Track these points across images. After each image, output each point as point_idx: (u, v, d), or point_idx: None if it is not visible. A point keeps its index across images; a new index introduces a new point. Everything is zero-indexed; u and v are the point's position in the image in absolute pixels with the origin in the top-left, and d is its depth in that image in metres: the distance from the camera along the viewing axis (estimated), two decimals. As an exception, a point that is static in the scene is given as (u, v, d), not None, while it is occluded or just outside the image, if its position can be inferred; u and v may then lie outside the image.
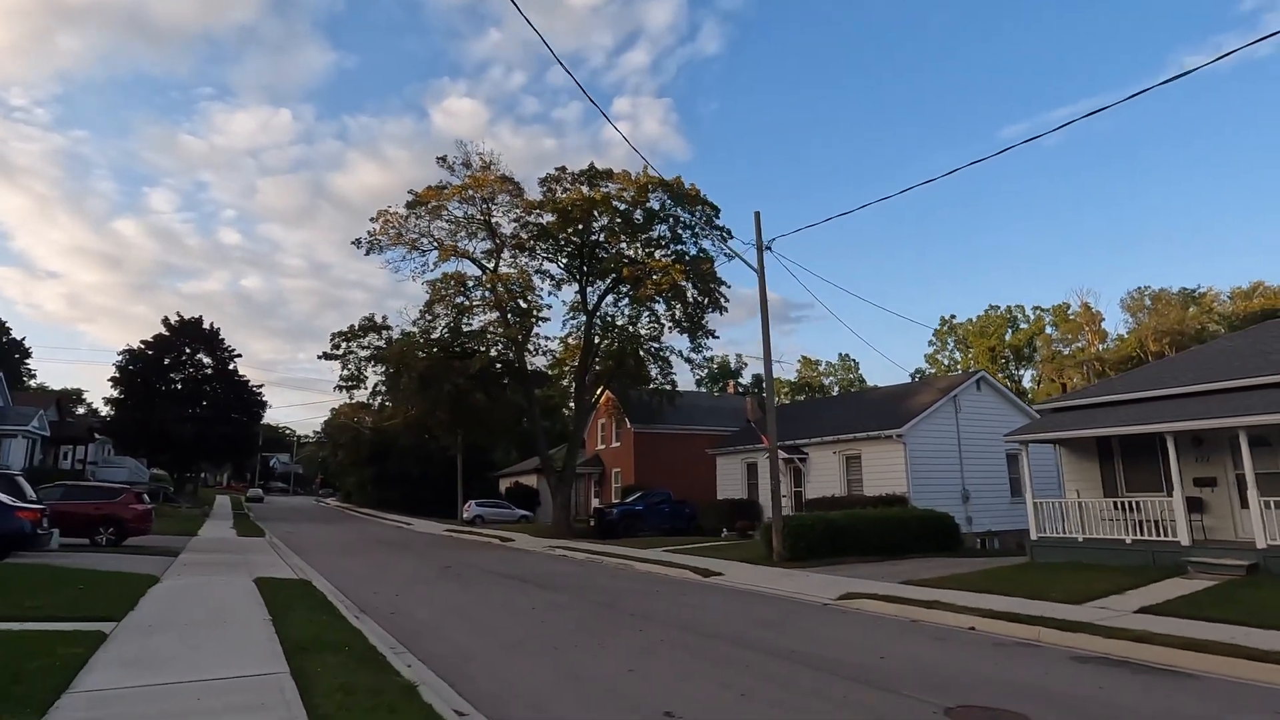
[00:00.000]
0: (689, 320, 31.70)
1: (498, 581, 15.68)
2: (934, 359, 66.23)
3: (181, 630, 8.05)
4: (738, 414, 41.89)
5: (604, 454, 40.85)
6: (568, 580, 15.96)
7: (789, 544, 17.98)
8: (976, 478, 23.48)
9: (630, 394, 35.32)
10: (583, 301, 32.70)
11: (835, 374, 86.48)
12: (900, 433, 22.07)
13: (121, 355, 47.90)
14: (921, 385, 29.73)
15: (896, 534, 19.42)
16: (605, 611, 11.59)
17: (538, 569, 18.50)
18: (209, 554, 19.72)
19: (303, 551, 22.97)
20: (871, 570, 16.77)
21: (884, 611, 11.87)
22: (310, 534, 32.90)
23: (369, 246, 29.22)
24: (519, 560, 21.16)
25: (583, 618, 10.94)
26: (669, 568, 18.01)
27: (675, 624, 10.39)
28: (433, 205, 28.66)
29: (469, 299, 28.50)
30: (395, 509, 57.12)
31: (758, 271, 19.37)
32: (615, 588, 14.67)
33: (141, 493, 21.62)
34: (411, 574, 17.08)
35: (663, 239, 31.69)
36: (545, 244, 30.71)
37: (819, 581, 15.14)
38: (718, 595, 13.73)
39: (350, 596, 12.80)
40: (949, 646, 9.15)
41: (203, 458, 53.89)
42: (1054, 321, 63.69)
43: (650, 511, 29.58)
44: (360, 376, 29.46)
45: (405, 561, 20.52)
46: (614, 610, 11.72)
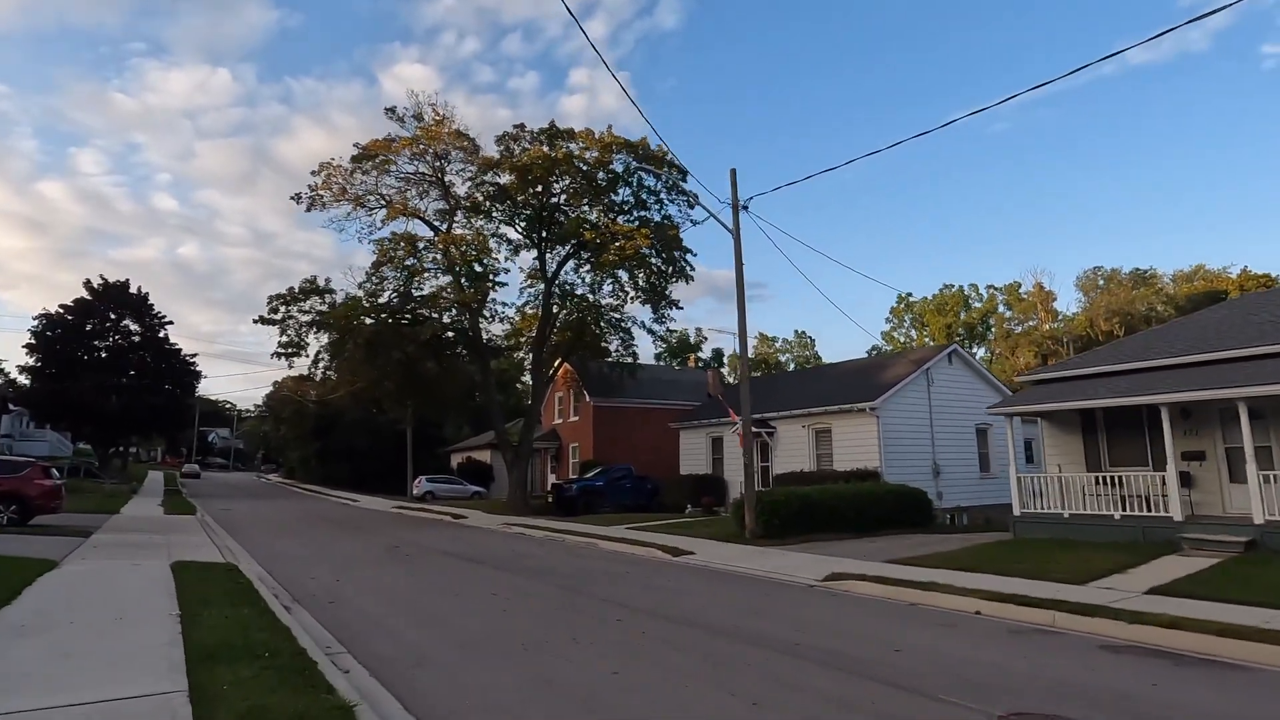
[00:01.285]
0: (652, 290, 30.44)
1: (451, 564, 14.34)
2: (890, 336, 66.50)
3: (62, 632, 6.55)
4: (699, 388, 40.96)
5: (561, 428, 39.52)
6: (528, 561, 14.71)
7: (762, 521, 17.07)
8: (947, 452, 22.98)
9: (590, 366, 34.00)
10: (541, 269, 31.10)
11: (791, 351, 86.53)
12: (874, 406, 21.34)
13: (38, 320, 44.32)
14: (893, 358, 29.17)
15: (871, 510, 18.69)
16: (574, 598, 10.39)
17: (494, 549, 17.20)
18: (127, 534, 17.84)
19: (236, 530, 21.19)
20: (849, 548, 15.98)
21: (876, 594, 10.97)
22: (247, 511, 30.89)
23: (310, 202, 26.97)
24: (473, 539, 19.82)
25: (550, 606, 9.73)
26: (636, 546, 16.92)
27: (654, 612, 9.27)
28: (381, 159, 26.54)
29: (420, 261, 26.60)
30: (341, 485, 54.85)
31: (733, 232, 18.21)
32: (581, 569, 13.50)
33: (49, 467, 19.47)
34: (355, 555, 15.60)
35: (626, 204, 30.24)
36: (502, 206, 28.95)
37: (798, 561, 14.23)
38: (693, 576, 12.68)
39: (283, 583, 11.33)
40: (962, 635, 8.23)
41: (130, 430, 50.69)
42: (1006, 301, 64.52)
43: (611, 487, 28.46)
44: (301, 344, 27.37)
45: (349, 541, 18.98)
46: (583, 596, 10.53)
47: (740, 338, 18.14)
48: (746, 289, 18.37)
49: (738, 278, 18.19)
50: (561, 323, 31.98)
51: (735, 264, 18.16)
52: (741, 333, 18.11)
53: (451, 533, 21.85)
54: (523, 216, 30.55)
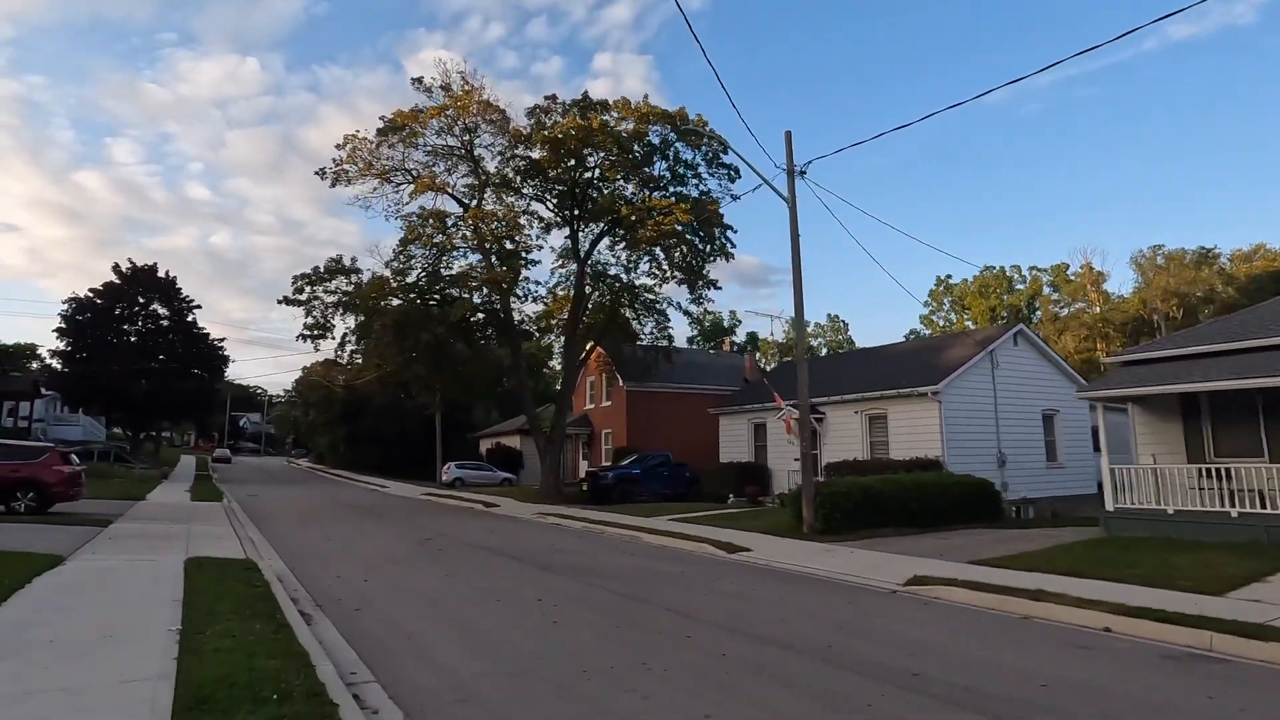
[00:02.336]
0: (689, 269, 28.98)
1: (488, 560, 13.18)
2: (929, 320, 64.31)
3: (34, 656, 5.43)
4: (735, 373, 39.51)
5: (593, 414, 38.34)
6: (571, 558, 13.51)
7: (822, 515, 15.69)
8: (1012, 440, 21.36)
9: (623, 350, 32.68)
10: (574, 248, 29.78)
11: (824, 335, 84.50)
12: (936, 390, 19.77)
13: (67, 304, 44.04)
14: (952, 339, 27.46)
15: (936, 503, 17.22)
16: (631, 606, 9.14)
17: (532, 542, 16.05)
18: (148, 523, 16.99)
19: (261, 519, 20.32)
20: (919, 545, 14.56)
21: (973, 602, 9.58)
22: (275, 497, 30.20)
23: (334, 178, 25.89)
24: (509, 531, 18.71)
25: (605, 617, 8.49)
26: (685, 541, 15.66)
27: (728, 626, 7.98)
28: (407, 131, 25.30)
29: (449, 238, 25.39)
30: (369, 470, 54.39)
31: (788, 200, 16.72)
32: (631, 568, 12.26)
33: (68, 452, 18.68)
34: (385, 550, 14.53)
35: (662, 179, 28.75)
36: (533, 181, 27.61)
37: (868, 560, 12.87)
38: (758, 579, 11.37)
39: (306, 583, 10.23)
40: (1107, 662, 6.83)
41: (160, 415, 50.50)
42: (1052, 282, 61.91)
43: (648, 475, 27.23)
44: (327, 325, 26.43)
45: (378, 532, 17.97)
46: (641, 604, 9.27)
47: (796, 314, 16.71)
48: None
49: (793, 249, 16.73)
50: (594, 304, 30.70)
51: (791, 234, 16.68)
52: (798, 309, 16.67)
53: (484, 523, 20.78)
54: (554, 193, 29.22)
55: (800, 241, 16.73)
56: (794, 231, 16.69)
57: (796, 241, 16.68)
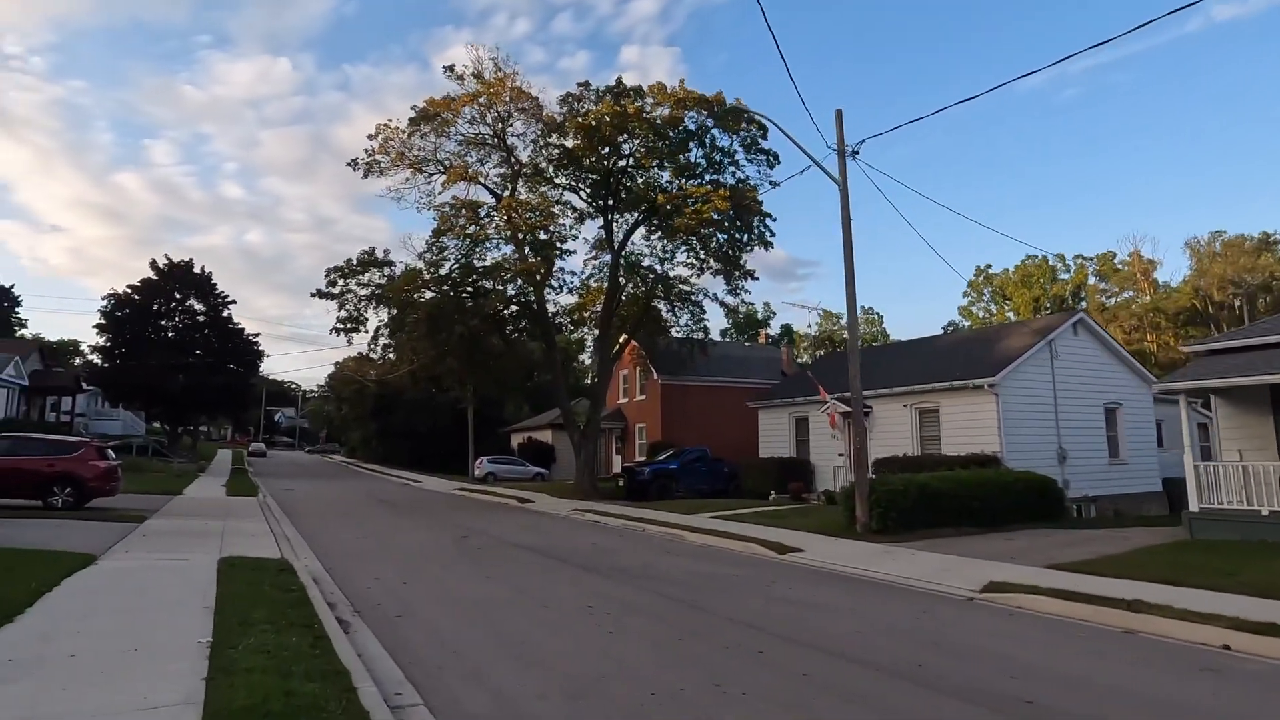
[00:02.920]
0: (726, 259, 28.17)
1: (530, 561, 12.61)
2: (968, 312, 62.50)
3: (49, 675, 4.93)
4: (772, 365, 38.65)
5: (627, 408, 37.74)
6: (615, 559, 12.88)
7: (877, 513, 14.87)
8: (1072, 435, 20.27)
9: (658, 343, 31.99)
10: (607, 238, 29.10)
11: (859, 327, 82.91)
12: (993, 382, 18.77)
13: (106, 300, 44.60)
14: (1007, 329, 26.33)
15: (997, 501, 16.30)
16: (688, 615, 8.47)
17: (572, 541, 15.46)
18: (183, 519, 16.73)
19: (296, 515, 20.04)
20: (983, 546, 13.70)
21: (1062, 613, 8.75)
22: (310, 492, 30.09)
23: (366, 168, 25.51)
24: (546, 528, 18.16)
25: (663, 627, 7.83)
26: (732, 541, 14.94)
27: (800, 640, 7.26)
28: (440, 120, 24.82)
29: (482, 229, 24.88)
30: (401, 465, 54.48)
31: (839, 183, 15.87)
32: (680, 571, 11.59)
33: (104, 446, 18.53)
34: (422, 548, 14.04)
35: (698, 167, 27.95)
36: (567, 170, 26.99)
37: (932, 563, 12.05)
38: (818, 583, 10.63)
39: (343, 585, 9.73)
40: (1247, 688, 6.00)
41: (197, 410, 51.09)
42: (1098, 271, 59.76)
43: (685, 471, 26.53)
44: (360, 319, 26.13)
45: (414, 529, 17.54)
46: (699, 612, 8.60)
47: (849, 302, 15.86)
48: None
49: (845, 233, 15.87)
50: (628, 296, 30.05)
51: (842, 217, 15.83)
52: (850, 296, 15.82)
53: (520, 520, 20.27)
54: (587, 182, 28.57)
55: (851, 226, 15.87)
56: (845, 215, 15.84)
57: (848, 225, 15.82)
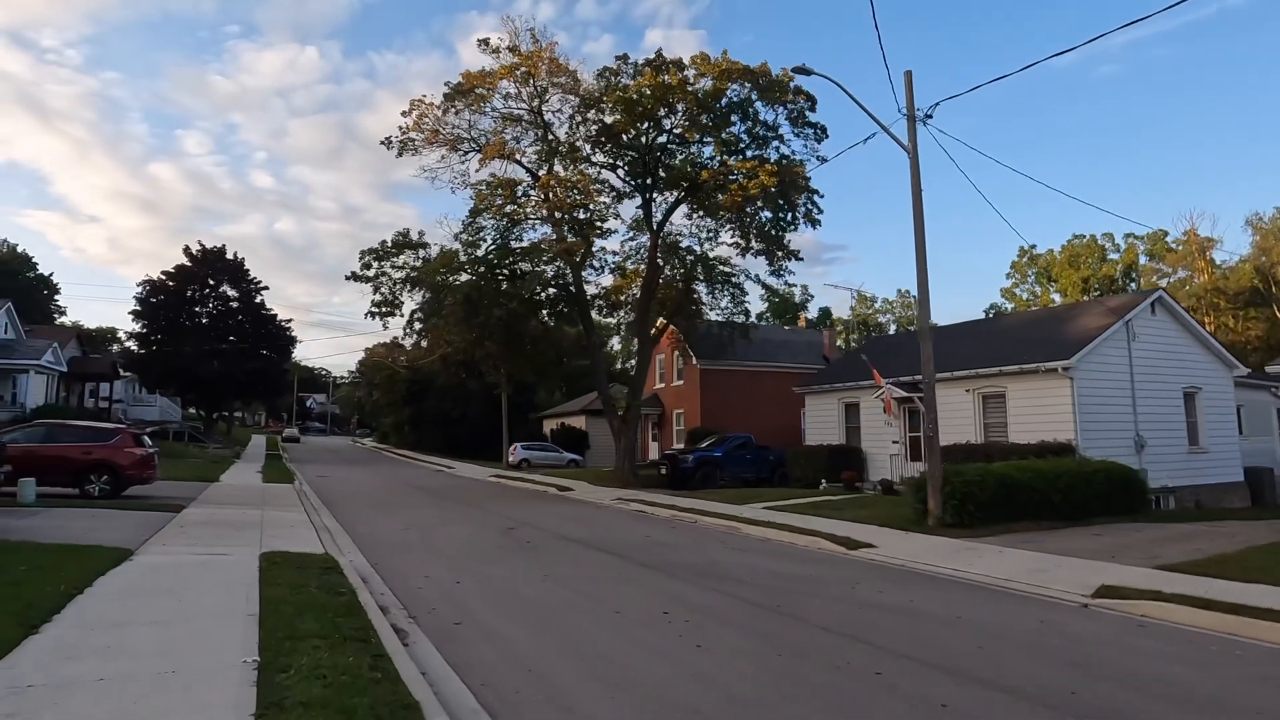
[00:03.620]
0: (769, 238, 27.06)
1: (584, 557, 11.81)
2: (1011, 294, 60.50)
3: (73, 708, 4.17)
4: (812, 349, 37.51)
5: (664, 393, 36.86)
6: (675, 554, 12.04)
7: (952, 506, 13.84)
8: (1150, 422, 18.95)
9: (697, 326, 31.03)
10: (646, 218, 28.11)
11: (893, 311, 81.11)
12: (1067, 365, 17.51)
13: (141, 286, 44.68)
14: (1076, 308, 24.90)
15: (1078, 493, 15.15)
16: (778, 624, 7.58)
17: (624, 534, 14.66)
18: (221, 508, 16.24)
19: (334, 504, 19.53)
20: (1073, 543, 12.63)
21: (1198, 623, 7.73)
22: (345, 479, 29.73)
23: (400, 146, 24.76)
24: (593, 519, 17.39)
25: (754, 639, 6.95)
26: (795, 535, 14.01)
27: (923, 659, 6.33)
28: (476, 94, 23.92)
29: (520, 207, 24.04)
30: (433, 451, 54.28)
31: (908, 150, 14.72)
32: (750, 569, 10.69)
33: (140, 434, 18.09)
34: (469, 541, 13.32)
35: (740, 142, 26.80)
36: (605, 148, 25.98)
37: (1023, 562, 11.02)
38: (906, 585, 9.67)
39: (393, 585, 9.00)
40: None
41: (231, 395, 51.24)
42: (1149, 250, 57.36)
43: (730, 458, 25.63)
44: (395, 303, 25.50)
45: (456, 520, 16.87)
46: (788, 620, 7.70)
47: (919, 275, 14.74)
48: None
49: (915, 203, 14.73)
50: (667, 278, 29.10)
51: (912, 186, 14.70)
52: (920, 270, 14.70)
53: (564, 509, 19.54)
54: (625, 160, 27.56)
55: (922, 196, 14.72)
56: (915, 184, 14.70)
57: (919, 195, 14.68)
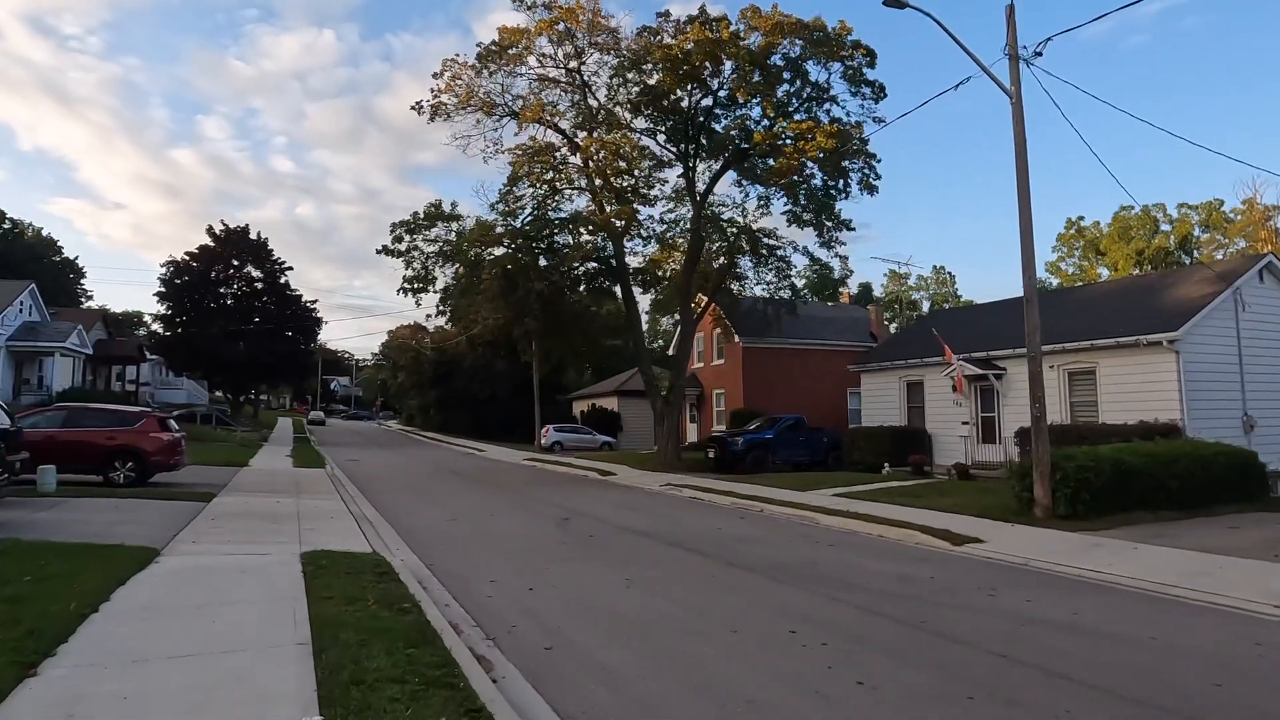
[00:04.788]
0: (821, 207, 25.36)
1: (661, 554, 10.47)
2: (1056, 268, 58.03)
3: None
4: (858, 326, 35.84)
5: (703, 373, 35.40)
6: (762, 551, 10.68)
7: (1064, 494, 12.33)
8: (1260, 400, 17.23)
9: (742, 302, 29.52)
10: (688, 187, 26.51)
11: (927, 288, 78.72)
12: (1173, 337, 15.81)
13: (165, 267, 43.95)
14: (1174, 275, 23.06)
15: (1196, 480, 13.55)
16: (938, 648, 6.18)
17: (692, 526, 13.32)
18: (253, 496, 15.15)
19: (370, 490, 18.41)
20: (1214, 538, 11.07)
21: None
22: (376, 463, 28.74)
23: (432, 111, 23.27)
24: (649, 507, 16.08)
25: (923, 669, 5.56)
26: (881, 526, 12.59)
27: (1156, 703, 4.90)
28: (511, 55, 22.36)
29: (560, 174, 22.54)
30: (461, 433, 53.36)
31: (1010, 94, 13.05)
32: (855, 569, 9.29)
33: (166, 417, 17.02)
34: (525, 535, 12.06)
35: (789, 104, 25.06)
36: (647, 112, 24.33)
37: (1170, 560, 9.52)
38: (1048, 590, 8.23)
39: (456, 593, 7.72)
40: None
41: (257, 377, 50.63)
42: (1204, 221, 54.59)
43: (781, 441, 24.18)
44: (428, 277, 24.22)
45: (502, 508, 15.64)
46: (944, 642, 6.30)
47: (1023, 235, 13.12)
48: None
49: (1018, 154, 13.08)
50: (710, 251, 27.55)
51: (1015, 134, 13.04)
52: (1025, 229, 13.08)
53: (614, 496, 18.25)
54: (666, 125, 25.91)
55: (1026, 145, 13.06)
56: (1019, 132, 13.03)
57: (1022, 144, 13.02)
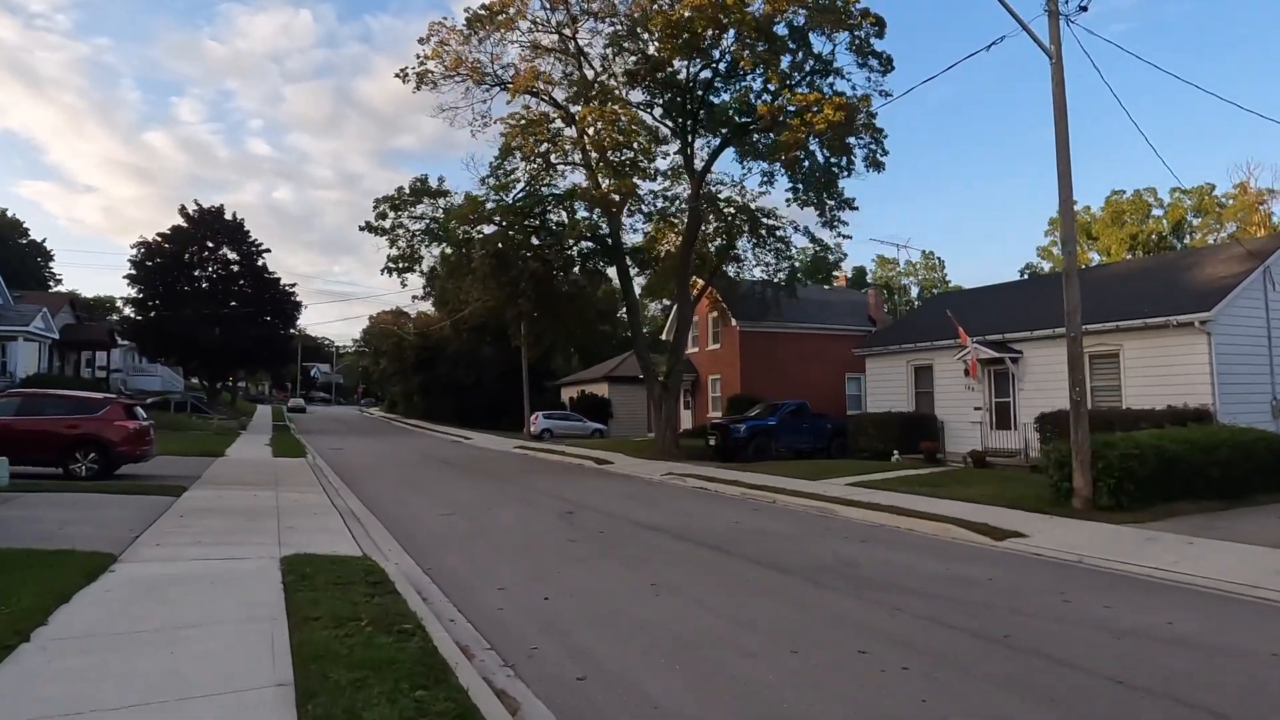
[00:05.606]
0: (823, 185, 24.38)
1: (681, 552, 9.50)
2: (1048, 253, 57.63)
3: None
4: (857, 310, 35.02)
5: (698, 358, 34.44)
6: (791, 548, 9.75)
7: (1108, 484, 11.53)
8: (1287, 384, 16.58)
9: (739, 285, 28.57)
10: (687, 164, 25.40)
11: (915, 274, 78.29)
12: (1205, 318, 15.06)
13: (136, 249, 42.08)
14: (1198, 253, 22.35)
15: (1237, 467, 12.81)
16: (1036, 669, 5.26)
17: (707, 520, 12.38)
18: (228, 489, 13.99)
19: (355, 481, 17.30)
20: (1268, 530, 10.30)
21: None
22: (359, 451, 27.56)
23: (418, 79, 21.92)
24: (655, 499, 15.13)
25: (1033, 701, 4.63)
26: (909, 518, 11.72)
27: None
28: (503, 17, 21.00)
29: (555, 147, 21.31)
30: (445, 420, 52.15)
31: (1050, 54, 12.10)
32: (901, 569, 8.39)
33: (133, 404, 15.77)
34: (529, 531, 11.05)
35: (791, 77, 23.99)
36: (644, 83, 23.16)
37: (1241, 557, 8.74)
38: (1123, 593, 7.38)
39: (461, 605, 6.69)
40: None
41: (234, 363, 48.94)
42: (1196, 207, 54.39)
43: (784, 428, 23.31)
44: (414, 257, 22.96)
45: (500, 500, 14.61)
46: (1047, 664, 5.39)
47: (1062, 205, 12.26)
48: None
49: (1057, 116, 12.16)
50: (709, 231, 26.54)
51: (1054, 96, 12.12)
52: (1064, 198, 12.21)
53: (616, 487, 17.28)
54: (663, 98, 24.75)
55: (1066, 107, 12.14)
56: (1059, 93, 12.11)
57: (1062, 105, 12.10)
